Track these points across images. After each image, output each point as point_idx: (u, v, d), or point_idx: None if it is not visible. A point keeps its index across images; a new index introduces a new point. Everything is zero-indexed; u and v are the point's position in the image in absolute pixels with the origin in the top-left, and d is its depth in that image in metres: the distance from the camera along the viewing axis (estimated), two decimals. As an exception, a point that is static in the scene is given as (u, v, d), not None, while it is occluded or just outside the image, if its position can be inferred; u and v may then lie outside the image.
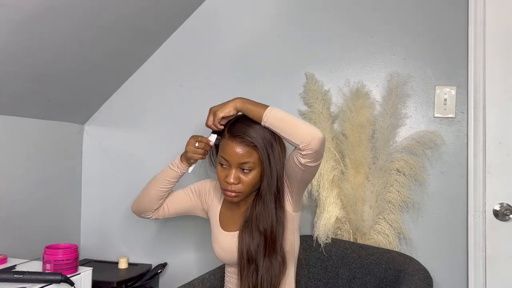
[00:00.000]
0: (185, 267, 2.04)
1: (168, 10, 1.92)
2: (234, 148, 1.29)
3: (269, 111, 1.26)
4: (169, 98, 2.09)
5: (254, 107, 1.29)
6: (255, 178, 1.33)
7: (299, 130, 1.23)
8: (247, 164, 1.30)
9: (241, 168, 1.31)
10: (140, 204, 1.53)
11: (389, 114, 1.78)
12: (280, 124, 1.25)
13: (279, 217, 1.34)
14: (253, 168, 1.31)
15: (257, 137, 1.29)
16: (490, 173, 1.73)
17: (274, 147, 1.31)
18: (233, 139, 1.30)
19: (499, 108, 1.74)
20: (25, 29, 1.41)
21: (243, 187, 1.32)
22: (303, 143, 1.21)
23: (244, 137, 1.29)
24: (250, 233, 1.35)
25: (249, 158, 1.30)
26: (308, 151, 1.21)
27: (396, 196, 1.76)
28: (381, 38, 1.87)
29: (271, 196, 1.33)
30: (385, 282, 1.54)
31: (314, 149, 1.21)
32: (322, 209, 1.76)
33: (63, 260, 1.40)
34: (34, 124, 1.85)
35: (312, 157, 1.23)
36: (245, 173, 1.31)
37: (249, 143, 1.29)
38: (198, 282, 1.55)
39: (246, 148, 1.29)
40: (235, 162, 1.30)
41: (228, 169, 1.32)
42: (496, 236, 1.72)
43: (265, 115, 1.26)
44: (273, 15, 1.99)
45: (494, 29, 1.75)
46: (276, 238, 1.34)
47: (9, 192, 1.73)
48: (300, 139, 1.22)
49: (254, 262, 1.34)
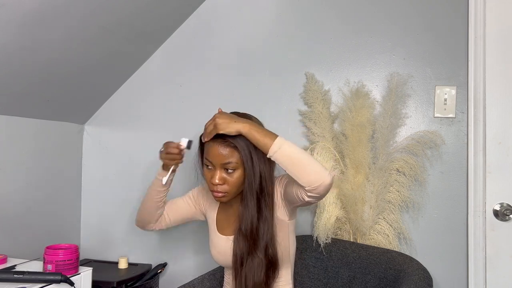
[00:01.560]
0: (185, 267, 2.04)
1: (168, 10, 1.92)
2: (216, 149, 1.30)
3: (277, 146, 1.22)
4: (169, 98, 2.09)
5: (261, 137, 1.24)
6: (240, 178, 1.33)
7: (307, 172, 1.19)
8: (230, 165, 1.31)
9: (225, 168, 1.32)
10: (141, 217, 1.56)
11: (389, 114, 1.78)
12: (288, 163, 1.21)
13: (264, 216, 1.33)
14: (236, 168, 1.32)
15: (238, 137, 1.28)
16: (490, 173, 1.73)
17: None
18: (215, 140, 1.31)
19: (499, 108, 1.74)
20: (25, 29, 1.41)
21: (229, 187, 1.33)
22: (310, 186, 1.19)
23: (225, 138, 1.29)
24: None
25: (231, 159, 1.30)
26: (314, 193, 1.20)
27: (396, 196, 1.76)
28: (381, 38, 1.87)
29: (252, 196, 1.33)
30: (385, 282, 1.53)
31: (320, 194, 1.21)
32: (322, 209, 1.76)
33: (63, 261, 1.39)
34: (34, 124, 1.85)
35: (316, 198, 1.23)
36: (230, 173, 1.32)
37: (229, 143, 1.29)
38: (198, 282, 1.55)
39: (227, 149, 1.30)
40: (218, 163, 1.31)
41: (213, 170, 1.33)
42: (496, 236, 1.72)
43: (272, 149, 1.22)
44: (273, 15, 1.99)
45: (494, 29, 1.75)
46: (258, 237, 1.33)
47: (9, 192, 1.73)
48: (307, 182, 1.18)
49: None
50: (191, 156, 1.48)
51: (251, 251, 1.34)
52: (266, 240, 1.34)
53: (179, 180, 1.71)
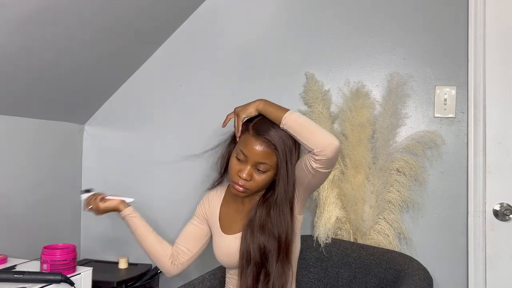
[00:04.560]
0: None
1: (168, 10, 1.92)
2: (256, 146, 1.29)
3: (288, 114, 1.28)
4: (169, 98, 2.09)
5: (274, 110, 1.31)
6: (267, 179, 1.33)
7: (316, 135, 1.24)
8: (263, 165, 1.30)
9: (256, 167, 1.31)
10: (153, 260, 1.51)
11: (389, 114, 1.78)
12: (298, 128, 1.26)
13: (292, 224, 1.35)
14: (268, 170, 1.31)
15: (280, 141, 1.29)
16: (490, 173, 1.73)
17: (293, 155, 1.31)
18: (257, 137, 1.29)
19: (499, 108, 1.74)
20: (25, 29, 1.41)
21: (253, 185, 1.32)
22: (318, 148, 1.22)
23: (268, 138, 1.29)
24: (252, 234, 1.35)
25: (267, 160, 1.30)
26: (322, 157, 1.22)
27: (396, 196, 1.76)
28: (381, 38, 1.87)
29: (286, 202, 1.33)
30: (385, 282, 1.53)
31: (328, 156, 1.22)
32: (322, 209, 1.76)
33: (60, 261, 1.39)
34: (34, 124, 1.85)
35: (324, 163, 1.24)
36: (259, 173, 1.32)
37: (271, 145, 1.29)
38: (198, 282, 1.55)
39: (268, 149, 1.29)
40: (253, 159, 1.30)
41: (244, 164, 1.31)
42: (496, 236, 1.72)
43: (284, 117, 1.27)
44: (273, 15, 1.99)
45: (494, 29, 1.75)
46: (290, 245, 1.34)
47: (9, 192, 1.73)
48: (315, 144, 1.22)
49: (256, 264, 1.33)
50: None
51: (282, 259, 1.33)
52: (293, 245, 1.36)
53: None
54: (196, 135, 2.02)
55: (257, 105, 1.33)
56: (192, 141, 2.03)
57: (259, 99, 1.34)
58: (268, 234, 1.33)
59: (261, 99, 1.34)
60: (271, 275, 1.32)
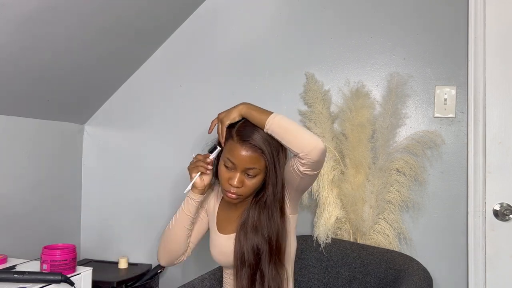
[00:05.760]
0: (185, 267, 2.04)
1: (168, 10, 1.92)
2: (243, 153, 1.28)
3: (272, 118, 1.26)
4: (169, 98, 2.09)
5: (257, 113, 1.29)
6: (258, 183, 1.33)
7: (300, 139, 1.23)
8: (253, 170, 1.30)
9: (246, 172, 1.31)
10: (170, 253, 1.46)
11: (389, 114, 1.78)
12: (282, 132, 1.25)
13: (283, 225, 1.35)
14: (258, 173, 1.31)
15: (265, 143, 1.28)
16: (490, 173, 1.73)
17: (280, 155, 1.31)
18: (243, 143, 1.28)
19: (499, 108, 1.74)
20: (25, 29, 1.41)
21: (245, 190, 1.32)
22: (303, 152, 1.21)
23: (253, 143, 1.28)
24: (245, 235, 1.35)
25: (256, 164, 1.29)
26: (308, 160, 1.22)
27: (396, 196, 1.76)
28: (381, 38, 1.87)
29: (276, 204, 1.33)
30: (385, 282, 1.53)
31: (314, 159, 1.22)
32: (322, 209, 1.76)
33: (60, 261, 1.39)
34: (34, 124, 1.85)
35: (310, 166, 1.23)
36: (249, 177, 1.31)
37: (257, 149, 1.28)
38: (198, 282, 1.55)
39: (255, 154, 1.28)
40: (241, 166, 1.29)
41: (233, 172, 1.31)
42: (496, 236, 1.72)
43: (268, 122, 1.26)
44: (273, 15, 1.99)
45: (494, 29, 1.75)
46: (281, 246, 1.34)
47: (9, 192, 1.73)
48: (300, 148, 1.22)
49: (250, 265, 1.34)
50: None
51: (275, 261, 1.33)
52: (285, 246, 1.35)
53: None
54: (196, 135, 2.02)
55: (240, 110, 1.31)
56: (192, 141, 2.03)
57: (242, 103, 1.32)
58: (261, 235, 1.34)
59: (244, 103, 1.32)
60: (266, 276, 1.32)
